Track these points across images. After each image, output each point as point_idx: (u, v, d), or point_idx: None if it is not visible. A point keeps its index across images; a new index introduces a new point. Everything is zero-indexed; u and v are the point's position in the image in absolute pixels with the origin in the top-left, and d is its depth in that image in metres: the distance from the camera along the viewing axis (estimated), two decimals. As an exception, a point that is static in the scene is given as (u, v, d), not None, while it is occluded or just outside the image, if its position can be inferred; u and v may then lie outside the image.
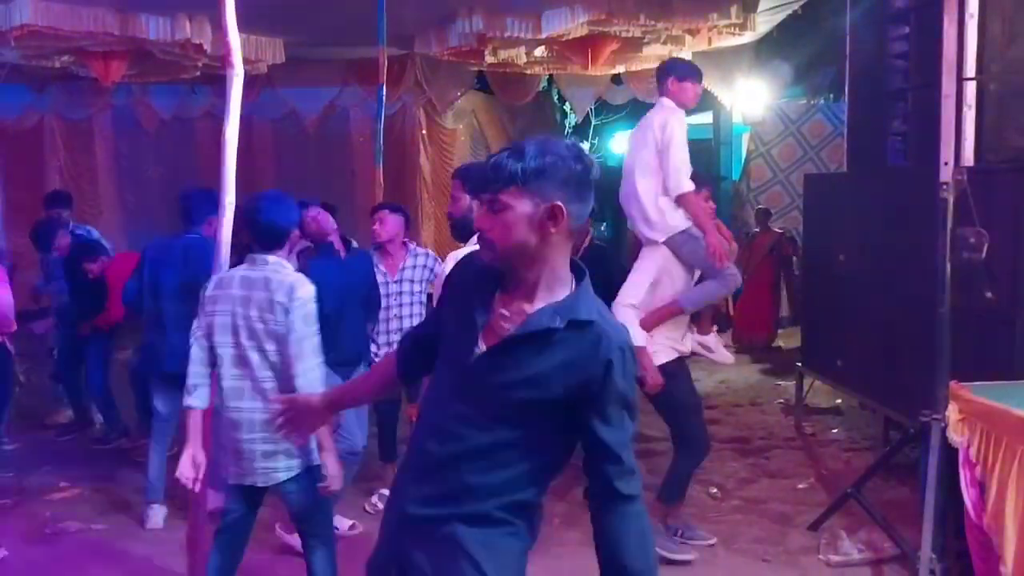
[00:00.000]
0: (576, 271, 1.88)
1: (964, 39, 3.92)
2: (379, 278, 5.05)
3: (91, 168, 11.14)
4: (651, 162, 4.26)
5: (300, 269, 4.54)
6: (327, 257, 4.55)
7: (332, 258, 4.58)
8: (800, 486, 5.44)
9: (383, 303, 5.04)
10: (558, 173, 1.75)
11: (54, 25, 6.63)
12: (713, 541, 4.54)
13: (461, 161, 11.44)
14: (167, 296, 4.71)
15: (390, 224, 5.07)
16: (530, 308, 1.82)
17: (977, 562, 3.50)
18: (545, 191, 1.75)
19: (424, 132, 10.94)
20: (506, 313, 1.84)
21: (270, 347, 3.22)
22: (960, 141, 3.95)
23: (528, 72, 10.06)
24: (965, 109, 3.97)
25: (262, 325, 3.21)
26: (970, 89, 3.99)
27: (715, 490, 5.35)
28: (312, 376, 3.18)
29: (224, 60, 3.80)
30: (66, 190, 7.24)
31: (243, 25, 3.97)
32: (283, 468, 3.26)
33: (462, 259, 2.06)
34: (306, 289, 3.25)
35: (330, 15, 7.49)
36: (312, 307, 3.25)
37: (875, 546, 4.34)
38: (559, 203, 1.75)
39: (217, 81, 9.19)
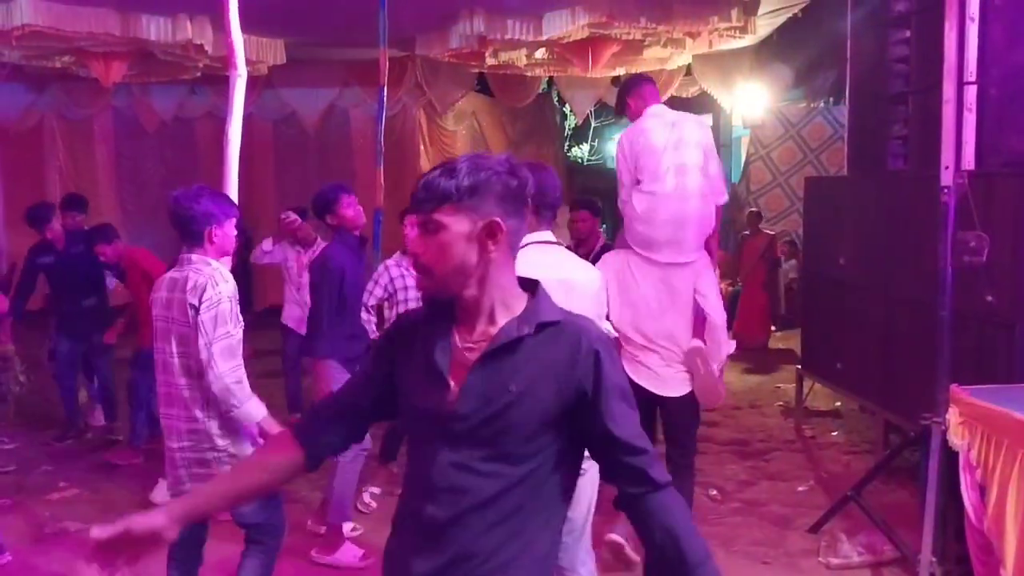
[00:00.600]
0: (528, 284, 1.79)
1: (965, 43, 3.92)
2: (410, 282, 5.06)
3: (91, 168, 11.15)
4: (702, 166, 4.12)
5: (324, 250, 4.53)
6: (350, 247, 4.52)
7: (354, 249, 4.56)
8: (800, 489, 5.44)
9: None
10: (493, 188, 1.68)
11: (55, 25, 6.63)
12: None
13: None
14: None
15: None
16: (494, 329, 1.72)
17: (977, 566, 3.50)
18: (481, 208, 1.67)
19: (425, 134, 10.95)
20: (471, 345, 1.73)
21: (182, 350, 3.10)
22: (961, 145, 3.95)
23: (528, 74, 10.07)
24: (966, 113, 3.97)
25: (178, 328, 3.11)
26: (971, 93, 3.98)
27: (714, 492, 5.35)
28: (230, 380, 3.03)
29: (227, 62, 3.81)
30: (80, 194, 7.25)
31: (244, 26, 3.96)
32: None
33: (399, 319, 1.93)
34: (219, 289, 3.06)
35: (331, 16, 7.50)
36: (226, 307, 3.06)
37: (875, 549, 4.34)
38: (497, 219, 1.67)
39: (217, 82, 9.20)
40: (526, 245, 3.15)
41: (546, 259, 3.05)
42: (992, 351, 4.30)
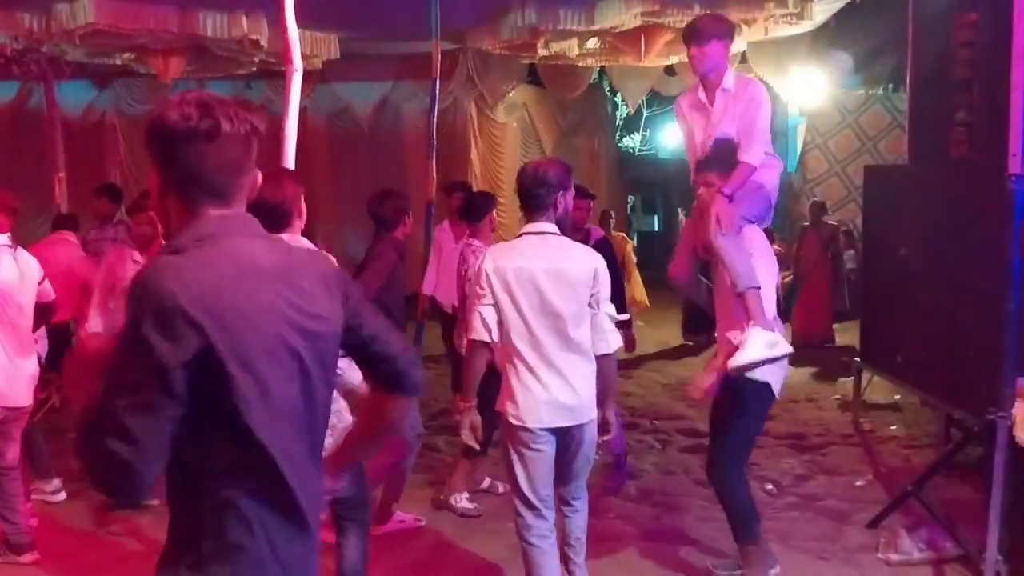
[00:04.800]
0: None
1: (1034, 26, 3.81)
2: (472, 260, 5.05)
3: (150, 162, 11.40)
4: None
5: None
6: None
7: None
8: (858, 483, 5.35)
9: None
10: (154, 147, 1.75)
11: (116, 23, 6.80)
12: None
13: (511, 155, 11.46)
14: None
15: None
16: None
17: (1045, 564, 3.42)
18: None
19: (475, 126, 10.98)
20: None
21: None
22: (1029, 132, 3.85)
23: (580, 64, 10.03)
24: (1035, 99, 3.87)
25: None
26: (1041, 78, 3.88)
27: (771, 487, 5.29)
28: None
29: (282, 57, 3.86)
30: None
31: (298, 21, 4.02)
32: None
33: None
34: None
35: (383, 10, 7.55)
36: None
37: (936, 545, 4.24)
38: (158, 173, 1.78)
39: (272, 76, 9.34)
40: (519, 236, 3.23)
41: (534, 249, 3.20)
42: (1061, 344, 4.17)
